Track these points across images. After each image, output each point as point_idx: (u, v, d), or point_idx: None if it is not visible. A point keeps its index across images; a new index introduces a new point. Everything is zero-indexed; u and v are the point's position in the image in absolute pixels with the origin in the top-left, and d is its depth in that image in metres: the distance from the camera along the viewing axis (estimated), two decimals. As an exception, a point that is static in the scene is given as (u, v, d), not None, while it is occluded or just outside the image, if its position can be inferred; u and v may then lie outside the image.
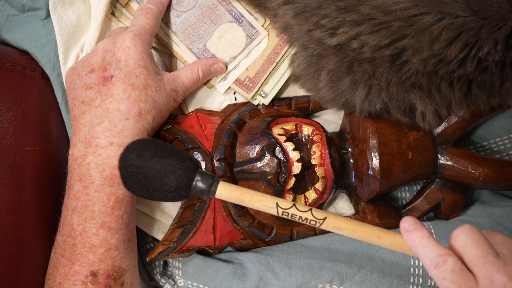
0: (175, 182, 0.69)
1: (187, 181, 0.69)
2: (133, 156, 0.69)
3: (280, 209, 0.68)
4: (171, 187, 0.69)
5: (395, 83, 0.76)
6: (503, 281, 0.60)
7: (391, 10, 0.71)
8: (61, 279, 0.77)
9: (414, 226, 0.65)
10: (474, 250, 0.62)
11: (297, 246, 0.84)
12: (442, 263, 0.62)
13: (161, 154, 0.69)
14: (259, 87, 0.86)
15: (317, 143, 0.83)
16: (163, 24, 0.86)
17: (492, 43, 0.71)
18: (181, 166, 0.69)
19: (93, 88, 0.78)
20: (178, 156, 0.69)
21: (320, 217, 0.68)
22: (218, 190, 0.69)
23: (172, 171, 0.68)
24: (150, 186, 0.69)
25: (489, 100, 0.77)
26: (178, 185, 0.69)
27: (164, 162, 0.68)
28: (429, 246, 0.63)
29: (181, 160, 0.69)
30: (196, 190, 0.69)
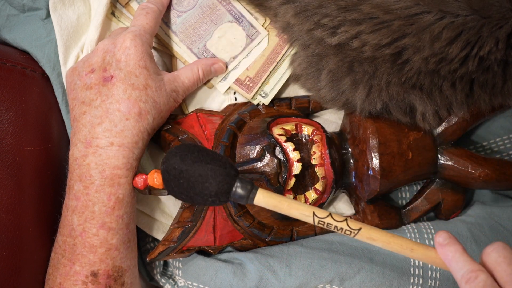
0: (216, 187, 0.70)
1: (227, 187, 0.70)
2: (176, 160, 0.71)
3: (317, 218, 0.69)
4: (211, 192, 0.70)
5: (395, 84, 0.76)
6: None
7: (392, 9, 0.71)
8: (62, 279, 0.77)
9: (448, 240, 0.65)
10: (505, 268, 0.62)
11: (297, 246, 0.84)
12: (474, 278, 0.62)
13: (203, 159, 0.71)
14: (259, 87, 0.86)
15: (317, 143, 0.83)
16: (163, 24, 0.86)
17: (493, 42, 0.71)
18: (222, 172, 0.70)
19: (93, 88, 0.78)
20: (220, 162, 0.71)
21: (355, 228, 0.69)
22: (256, 197, 0.71)
23: (213, 176, 0.70)
24: (192, 190, 0.71)
25: (491, 100, 0.77)
26: (219, 191, 0.70)
27: (206, 167, 0.70)
28: (462, 261, 0.64)
29: (222, 166, 0.71)
30: (235, 196, 0.71)
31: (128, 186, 0.77)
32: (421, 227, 0.85)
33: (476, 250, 0.83)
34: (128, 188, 0.78)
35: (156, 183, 0.79)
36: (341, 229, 0.69)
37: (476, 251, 0.83)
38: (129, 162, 0.77)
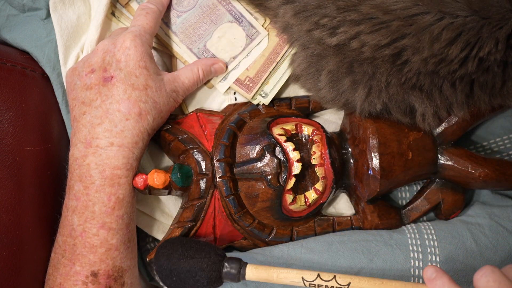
0: (207, 277, 0.75)
1: (216, 274, 0.75)
2: (164, 261, 0.75)
3: (307, 282, 0.73)
4: (203, 283, 0.75)
5: (395, 84, 0.76)
6: None
7: (391, 9, 0.71)
8: (62, 279, 0.77)
9: (435, 274, 0.68)
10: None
11: (297, 246, 0.84)
12: None
13: (187, 254, 0.75)
14: (259, 87, 0.86)
15: (317, 143, 0.82)
16: (163, 24, 0.86)
17: (493, 43, 0.70)
18: (208, 262, 0.75)
19: (93, 88, 0.78)
20: (203, 252, 0.75)
21: (344, 283, 0.72)
22: (247, 273, 0.75)
23: (201, 269, 0.74)
24: (186, 285, 0.75)
25: (491, 100, 0.77)
26: (210, 280, 0.75)
27: (191, 262, 0.75)
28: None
29: (207, 256, 0.75)
30: (227, 278, 0.75)
31: (128, 186, 0.78)
32: (421, 227, 0.85)
33: (476, 251, 0.83)
34: (128, 188, 0.78)
35: (156, 183, 0.79)
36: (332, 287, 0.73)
37: (476, 251, 0.83)
38: (129, 162, 0.77)
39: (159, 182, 0.79)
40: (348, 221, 0.87)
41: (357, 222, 0.87)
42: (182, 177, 0.81)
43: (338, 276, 0.72)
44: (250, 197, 0.82)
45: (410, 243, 0.83)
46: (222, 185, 0.81)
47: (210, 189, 0.81)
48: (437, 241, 0.83)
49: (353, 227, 0.87)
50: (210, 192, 0.81)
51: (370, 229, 0.86)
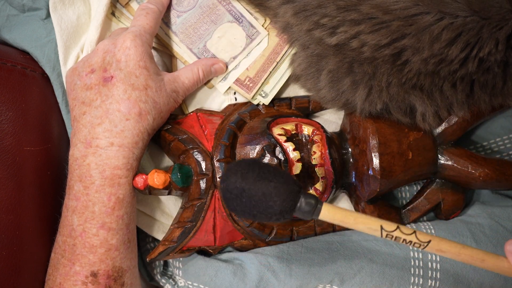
0: (280, 205, 0.68)
1: (291, 204, 0.68)
2: (237, 178, 0.69)
3: (385, 232, 0.68)
4: (276, 210, 0.68)
5: (395, 84, 0.76)
6: None
7: (391, 9, 0.71)
8: (61, 279, 0.77)
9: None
10: None
11: (298, 246, 0.84)
12: None
13: (266, 177, 0.68)
14: (259, 87, 0.86)
15: (317, 143, 0.83)
16: (163, 24, 0.86)
17: (493, 43, 0.71)
18: (286, 189, 0.68)
19: (93, 88, 0.78)
20: (282, 178, 0.69)
21: (425, 240, 0.68)
22: (322, 212, 0.69)
23: (277, 194, 0.68)
24: (255, 209, 0.69)
25: (491, 100, 0.77)
26: (283, 209, 0.68)
27: (269, 186, 0.68)
28: None
29: (286, 183, 0.68)
30: (300, 212, 0.69)
31: (128, 186, 0.78)
32: (421, 227, 0.85)
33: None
34: (128, 188, 0.78)
35: (156, 183, 0.79)
36: (410, 242, 0.68)
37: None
38: (129, 162, 0.77)
39: (159, 182, 0.79)
40: (348, 221, 0.87)
41: (357, 222, 0.87)
42: (182, 177, 0.81)
43: (418, 232, 0.67)
44: (250, 197, 0.82)
45: (410, 243, 0.83)
46: (222, 185, 0.81)
47: (210, 189, 0.81)
48: (437, 241, 0.83)
49: (353, 227, 0.87)
50: (210, 192, 0.81)
51: (370, 229, 0.86)
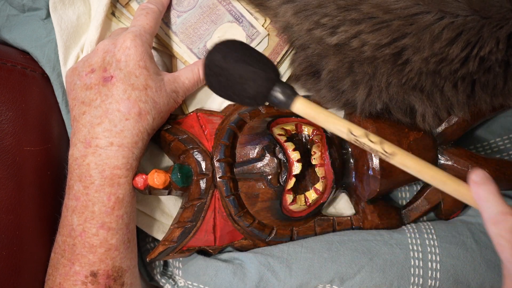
0: (255, 90, 0.69)
1: (265, 90, 0.69)
2: (219, 57, 0.69)
3: (352, 136, 0.68)
4: (249, 94, 0.70)
5: (395, 85, 0.76)
6: None
7: (391, 8, 0.71)
8: (61, 279, 0.77)
9: (484, 179, 0.64)
10: None
11: (297, 246, 0.84)
12: (502, 221, 0.61)
13: (246, 60, 0.69)
14: (259, 87, 0.86)
15: (317, 143, 0.83)
16: (163, 24, 0.86)
17: (494, 42, 0.71)
18: (263, 75, 0.69)
19: (93, 88, 0.78)
20: (262, 64, 0.70)
21: (390, 152, 0.67)
22: (296, 105, 0.69)
23: (253, 79, 0.69)
24: (230, 89, 0.70)
25: (492, 100, 0.77)
26: (257, 94, 0.69)
27: (247, 69, 0.69)
28: (493, 201, 0.62)
29: (263, 69, 0.69)
30: (273, 100, 0.70)
31: (128, 186, 0.78)
32: (421, 227, 0.85)
33: (476, 250, 0.83)
34: (128, 188, 0.78)
35: (156, 183, 0.79)
36: (376, 151, 0.68)
37: (476, 251, 0.83)
38: (128, 162, 0.77)
39: (159, 182, 0.79)
40: (348, 221, 0.87)
41: (357, 222, 0.87)
42: (182, 177, 0.81)
43: (386, 143, 0.67)
44: (250, 197, 0.82)
45: (410, 242, 0.83)
46: (222, 185, 0.81)
47: (210, 189, 0.81)
48: (437, 241, 0.83)
49: (353, 227, 0.87)
50: (210, 192, 0.81)
51: (370, 229, 0.86)
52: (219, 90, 0.71)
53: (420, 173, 0.67)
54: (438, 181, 0.67)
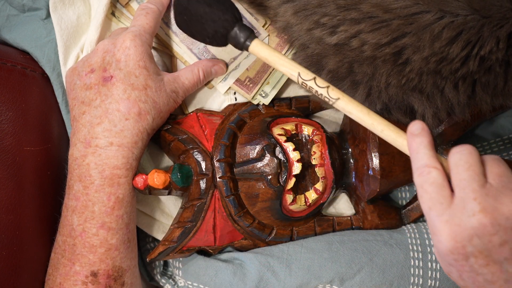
0: (213, 30, 0.75)
1: (224, 31, 0.75)
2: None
3: (301, 79, 0.72)
4: (209, 33, 0.76)
5: (394, 85, 0.76)
6: (475, 210, 0.60)
7: (391, 8, 0.71)
8: (61, 279, 0.77)
9: (420, 131, 0.65)
10: (461, 172, 0.62)
11: (297, 246, 0.84)
12: (426, 173, 0.63)
13: (207, 1, 0.74)
14: (259, 87, 0.86)
15: (317, 143, 0.83)
16: (163, 24, 0.86)
17: (494, 42, 0.70)
18: (221, 16, 0.74)
19: (93, 88, 0.78)
20: (222, 6, 0.75)
21: (334, 97, 0.71)
22: (252, 46, 0.75)
23: (212, 19, 0.74)
24: (193, 28, 0.77)
25: (492, 101, 0.77)
26: (216, 34, 0.75)
27: (206, 10, 0.74)
28: (422, 154, 0.64)
29: (223, 11, 0.74)
30: (231, 41, 0.75)
31: (127, 186, 0.78)
32: (421, 227, 0.85)
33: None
34: (127, 188, 0.78)
35: (156, 183, 0.79)
36: (321, 95, 0.72)
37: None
38: (128, 162, 0.77)
39: (159, 182, 0.79)
40: (348, 221, 0.87)
41: (357, 222, 0.87)
42: (182, 177, 0.81)
43: (331, 88, 0.71)
44: (250, 197, 0.82)
45: (410, 242, 0.83)
46: (222, 185, 0.81)
47: (210, 189, 0.81)
48: (437, 241, 0.83)
49: (353, 227, 0.87)
50: (210, 192, 0.81)
51: (370, 229, 0.86)
52: (185, 29, 0.78)
53: (361, 119, 0.70)
54: (378, 128, 0.70)
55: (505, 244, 0.60)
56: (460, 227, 0.61)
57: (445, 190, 0.62)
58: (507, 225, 0.60)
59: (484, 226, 0.60)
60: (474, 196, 0.61)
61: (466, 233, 0.60)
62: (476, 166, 0.62)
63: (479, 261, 0.61)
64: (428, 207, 0.62)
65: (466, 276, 0.62)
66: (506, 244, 0.60)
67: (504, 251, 0.61)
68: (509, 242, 0.60)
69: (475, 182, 0.61)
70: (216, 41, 0.76)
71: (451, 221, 0.61)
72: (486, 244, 0.60)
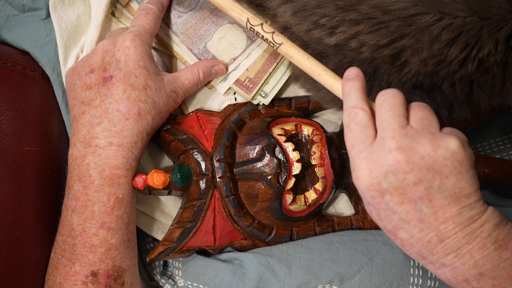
0: None
1: None
2: None
3: (249, 24, 0.77)
4: None
5: (396, 84, 0.76)
6: (391, 148, 0.62)
7: (390, 9, 0.70)
8: (61, 279, 0.77)
9: (354, 76, 0.69)
10: (384, 113, 0.65)
11: (297, 246, 0.84)
12: (353, 114, 0.66)
13: None
14: (259, 87, 0.86)
15: (317, 143, 0.83)
16: (163, 25, 0.86)
17: (493, 44, 0.70)
18: None
19: (92, 88, 0.78)
20: None
21: (278, 42, 0.76)
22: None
23: None
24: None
25: (490, 100, 0.77)
26: None
27: None
28: (353, 96, 0.67)
29: None
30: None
31: (127, 186, 0.78)
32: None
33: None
34: (127, 188, 0.78)
35: (156, 183, 0.79)
36: (266, 40, 0.76)
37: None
38: (128, 162, 0.77)
39: (159, 182, 0.79)
40: (348, 221, 0.87)
41: (357, 222, 0.87)
42: (182, 177, 0.81)
43: (276, 34, 0.75)
44: (250, 197, 0.82)
45: (410, 243, 0.83)
46: (222, 185, 0.81)
47: (210, 189, 0.82)
48: (436, 241, 0.83)
49: (353, 227, 0.87)
50: (210, 192, 0.82)
51: (370, 229, 0.86)
52: None
53: (301, 64, 0.74)
54: (316, 73, 0.74)
55: (419, 183, 0.62)
56: (376, 163, 0.63)
57: (369, 130, 0.65)
58: (421, 164, 0.62)
59: (399, 163, 0.62)
60: (393, 135, 0.63)
61: (382, 170, 0.63)
62: (398, 108, 0.65)
63: (394, 198, 0.63)
64: (351, 145, 0.65)
65: (383, 214, 0.64)
66: (420, 183, 0.62)
67: (419, 189, 0.62)
68: (424, 182, 0.62)
69: (395, 123, 0.64)
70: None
71: (368, 158, 0.64)
72: (400, 182, 0.62)
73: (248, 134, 0.83)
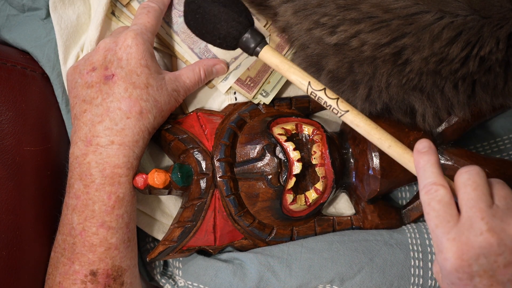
0: (226, 31, 0.75)
1: (236, 33, 0.75)
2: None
3: (310, 89, 0.73)
4: (220, 34, 0.76)
5: (395, 85, 0.76)
6: (482, 229, 0.61)
7: (391, 8, 0.71)
8: (61, 278, 0.77)
9: (427, 149, 0.66)
10: (469, 191, 0.63)
11: (298, 246, 0.84)
12: (433, 191, 0.63)
13: (222, 2, 0.74)
14: (260, 86, 0.86)
15: (318, 143, 0.83)
16: (164, 24, 0.86)
17: (494, 42, 0.70)
18: (235, 18, 0.74)
19: (94, 86, 0.78)
20: (237, 8, 0.75)
21: (343, 109, 0.72)
22: (262, 52, 0.75)
23: (226, 20, 0.74)
24: (204, 27, 0.76)
25: (492, 100, 0.77)
26: (227, 35, 0.75)
27: (221, 10, 0.74)
28: (430, 172, 0.65)
29: (238, 13, 0.74)
30: (242, 45, 0.75)
31: (128, 185, 0.78)
32: (421, 227, 0.85)
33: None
34: (128, 187, 0.78)
35: (157, 182, 0.79)
36: (330, 106, 0.72)
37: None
38: (129, 161, 0.77)
39: (160, 182, 0.79)
40: (348, 221, 0.87)
41: (357, 222, 0.87)
42: (182, 177, 0.81)
43: (341, 100, 0.72)
44: (251, 197, 0.82)
45: (410, 242, 0.83)
46: (223, 184, 0.81)
47: (211, 188, 0.81)
48: (437, 241, 0.83)
49: (353, 227, 0.87)
50: (210, 191, 0.81)
51: (370, 229, 0.86)
52: (194, 28, 0.77)
53: (369, 134, 0.71)
54: (385, 144, 0.70)
55: (509, 265, 0.61)
56: (467, 246, 0.61)
57: (452, 208, 0.63)
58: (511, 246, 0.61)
59: (491, 245, 0.60)
60: (482, 216, 0.61)
61: (473, 252, 0.61)
62: (483, 186, 0.63)
63: (483, 281, 0.61)
64: (435, 225, 0.63)
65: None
66: (510, 266, 0.61)
67: (509, 272, 0.61)
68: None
69: (483, 202, 0.62)
70: (226, 42, 0.76)
71: (458, 239, 0.61)
72: (491, 264, 0.61)
73: (249, 134, 0.83)
